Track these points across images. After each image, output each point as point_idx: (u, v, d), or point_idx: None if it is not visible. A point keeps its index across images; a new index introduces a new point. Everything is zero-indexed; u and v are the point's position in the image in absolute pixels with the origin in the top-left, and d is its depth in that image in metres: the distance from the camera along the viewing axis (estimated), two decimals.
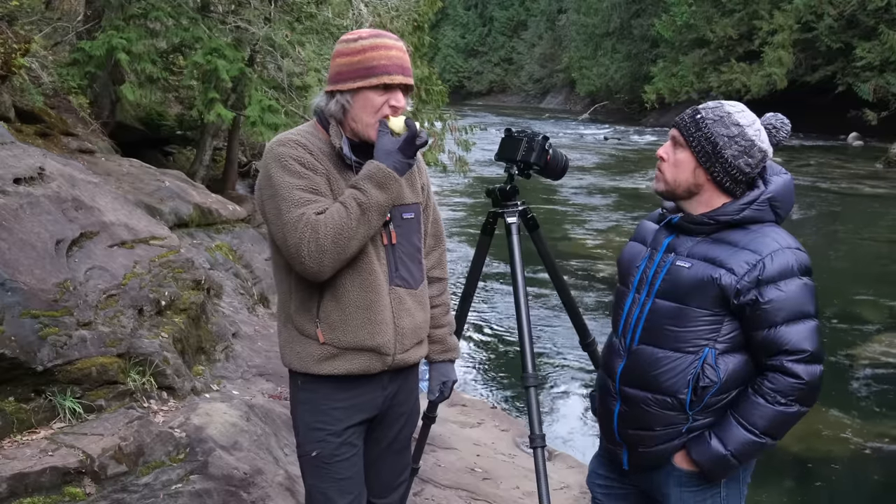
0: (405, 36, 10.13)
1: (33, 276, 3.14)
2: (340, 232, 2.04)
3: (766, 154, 2.12)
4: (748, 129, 2.09)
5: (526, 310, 2.96)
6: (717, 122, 2.09)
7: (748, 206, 2.10)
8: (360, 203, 2.06)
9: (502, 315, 8.15)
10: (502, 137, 3.03)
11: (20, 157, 3.84)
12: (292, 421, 2.36)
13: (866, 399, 6.07)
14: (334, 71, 2.15)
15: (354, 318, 2.17)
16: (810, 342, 2.02)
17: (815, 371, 2.03)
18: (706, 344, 2.08)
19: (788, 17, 27.77)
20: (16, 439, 2.93)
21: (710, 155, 2.09)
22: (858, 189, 17.06)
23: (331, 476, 2.24)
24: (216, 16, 7.81)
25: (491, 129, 18.26)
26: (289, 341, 2.25)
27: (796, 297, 2.03)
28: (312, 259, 2.04)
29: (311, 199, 2.07)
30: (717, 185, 2.12)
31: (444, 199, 15.56)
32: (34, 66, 6.40)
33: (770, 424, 2.05)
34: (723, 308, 2.06)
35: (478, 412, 5.21)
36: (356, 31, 2.21)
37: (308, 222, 2.03)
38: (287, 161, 2.10)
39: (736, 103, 2.17)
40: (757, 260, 2.03)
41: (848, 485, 5.00)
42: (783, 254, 2.04)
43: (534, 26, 51.95)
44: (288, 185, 2.07)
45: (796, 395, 2.03)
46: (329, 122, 2.18)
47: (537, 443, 2.84)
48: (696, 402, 2.09)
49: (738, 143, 2.08)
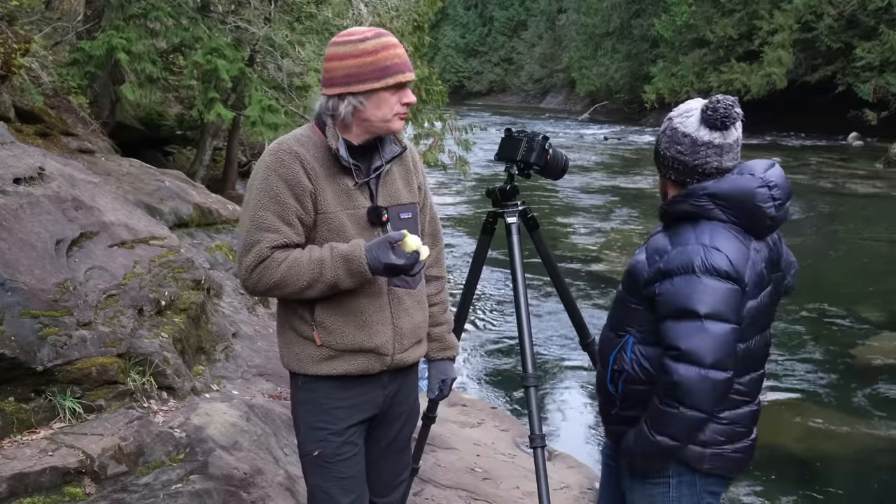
0: (405, 36, 10.14)
1: (33, 276, 3.14)
2: (284, 280, 2.11)
3: (694, 140, 2.06)
4: (675, 119, 2.12)
5: (526, 310, 2.96)
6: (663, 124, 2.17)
7: (684, 199, 2.10)
8: (322, 273, 2.10)
9: (502, 315, 8.15)
10: (502, 137, 3.03)
11: (20, 157, 3.84)
12: (293, 421, 2.36)
13: (866, 399, 6.07)
14: (342, 73, 2.11)
15: (350, 322, 2.19)
16: (686, 342, 1.96)
17: (688, 372, 1.95)
18: (629, 331, 2.14)
19: (788, 17, 27.75)
20: (16, 439, 2.93)
21: (656, 157, 2.18)
22: (858, 189, 17.05)
23: (333, 475, 2.25)
24: (216, 16, 7.82)
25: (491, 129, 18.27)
26: (287, 343, 2.27)
27: (683, 294, 1.98)
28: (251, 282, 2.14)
29: (276, 228, 2.11)
30: (671, 182, 2.16)
31: (444, 199, 15.56)
32: (34, 66, 6.40)
33: (659, 423, 2.03)
34: (637, 296, 2.12)
35: (478, 412, 5.21)
36: (355, 29, 2.18)
37: (260, 254, 2.10)
38: (272, 180, 2.12)
39: (690, 101, 2.17)
40: (664, 252, 2.06)
41: (848, 484, 5.00)
42: (690, 249, 2.01)
43: (534, 26, 51.93)
44: (262, 205, 2.12)
45: (671, 393, 1.98)
46: (325, 124, 2.16)
47: (537, 443, 2.85)
48: (614, 384, 2.15)
49: (666, 134, 2.13)
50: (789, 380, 6.36)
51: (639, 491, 2.22)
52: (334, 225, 2.16)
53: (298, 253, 2.12)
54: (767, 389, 6.08)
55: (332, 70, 2.12)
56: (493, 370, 6.86)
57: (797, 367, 6.64)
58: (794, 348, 7.10)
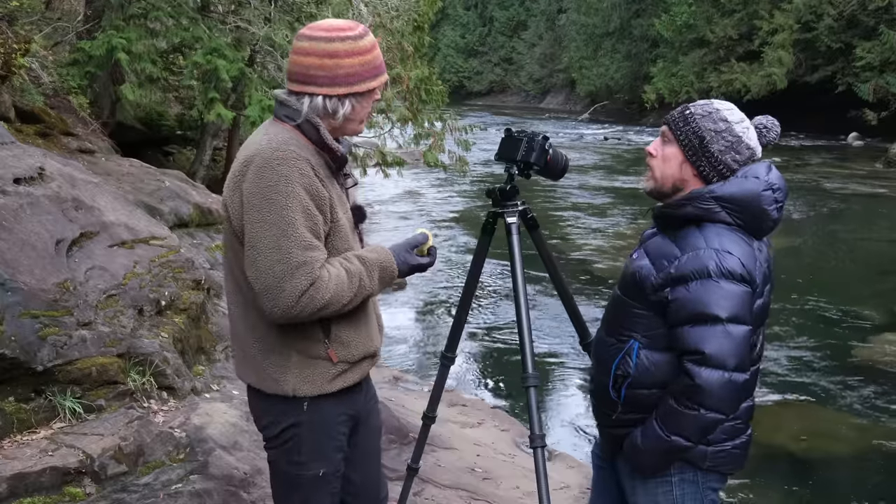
0: (405, 36, 10.15)
1: (33, 276, 3.14)
2: (332, 300, 1.96)
3: (753, 152, 2.12)
4: (736, 125, 2.10)
5: (526, 310, 2.95)
6: (706, 118, 2.10)
7: (689, 201, 2.08)
8: (362, 285, 2.03)
9: (502, 315, 8.15)
10: (502, 137, 3.02)
11: (20, 157, 3.84)
12: (287, 445, 2.15)
13: (866, 399, 6.07)
14: (345, 72, 1.99)
15: (361, 330, 2.15)
16: (710, 345, 1.96)
17: (713, 376, 1.96)
18: (633, 336, 2.13)
19: (788, 17, 27.75)
20: (16, 439, 2.93)
21: (697, 149, 2.10)
22: (858, 189, 17.04)
23: (329, 491, 2.21)
24: (216, 16, 7.82)
25: (491, 129, 18.27)
26: (288, 368, 2.07)
27: (701, 299, 1.98)
28: (298, 309, 1.93)
29: (316, 245, 1.96)
30: (704, 180, 2.12)
31: (444, 199, 15.57)
32: (34, 66, 6.41)
33: (674, 424, 2.04)
34: (644, 302, 2.10)
35: (478, 412, 5.21)
36: (341, 23, 2.05)
37: (311, 275, 1.92)
38: (298, 192, 1.93)
39: (726, 103, 2.18)
40: (675, 257, 2.05)
41: (848, 484, 5.00)
42: (703, 254, 2.01)
43: (534, 26, 51.88)
44: (297, 221, 1.92)
45: (693, 396, 1.99)
46: (316, 126, 2.02)
47: (537, 443, 2.84)
48: (616, 390, 2.15)
49: (724, 138, 2.09)
50: (789, 380, 6.35)
51: (641, 491, 2.22)
52: (342, 233, 2.07)
53: (333, 269, 1.98)
54: (768, 390, 6.09)
55: (334, 68, 1.98)
56: (493, 370, 6.86)
57: (797, 366, 6.64)
58: (793, 348, 7.09)
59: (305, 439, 2.13)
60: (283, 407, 2.11)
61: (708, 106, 2.13)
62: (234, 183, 2.00)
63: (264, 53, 8.25)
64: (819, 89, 27.79)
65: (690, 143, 2.10)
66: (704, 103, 2.15)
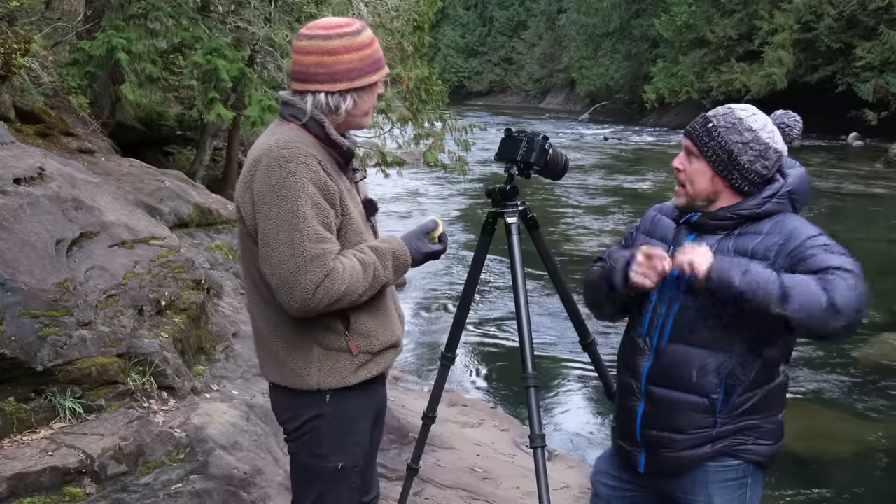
0: (405, 36, 10.14)
1: (33, 276, 3.14)
2: (348, 291, 1.99)
3: (781, 154, 2.13)
4: (761, 132, 2.08)
5: (526, 310, 2.95)
6: (730, 130, 2.07)
7: (769, 199, 2.10)
8: (377, 276, 2.05)
9: (502, 315, 8.15)
10: (502, 137, 3.02)
11: (20, 157, 3.84)
12: (307, 437, 2.17)
13: (867, 399, 6.07)
14: (345, 68, 2.02)
15: (381, 321, 2.17)
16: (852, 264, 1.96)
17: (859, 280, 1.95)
18: (736, 340, 2.07)
19: (788, 17, 27.74)
20: (16, 439, 2.93)
21: (727, 163, 2.08)
22: (858, 189, 17.05)
23: (349, 486, 2.21)
24: (216, 16, 7.82)
25: (491, 129, 18.26)
26: (310, 361, 2.10)
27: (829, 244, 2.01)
28: (315, 301, 1.96)
29: (328, 238, 1.99)
30: (736, 190, 2.11)
31: (444, 199, 15.56)
32: (34, 66, 6.41)
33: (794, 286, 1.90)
34: None
35: (478, 412, 5.21)
36: (337, 20, 2.08)
37: (325, 267, 1.95)
38: (308, 187, 1.97)
39: (746, 106, 2.16)
40: (785, 239, 2.03)
41: (848, 485, 5.00)
42: (804, 227, 2.06)
43: (534, 26, 51.87)
44: (308, 215, 1.96)
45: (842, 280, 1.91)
46: (322, 124, 2.06)
47: (537, 443, 2.84)
48: (725, 401, 2.10)
49: (752, 148, 2.07)
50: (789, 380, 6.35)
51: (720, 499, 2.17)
52: (354, 225, 2.10)
53: (347, 260, 2.01)
54: None
55: (333, 65, 2.02)
56: (493, 370, 6.87)
57: (797, 367, 6.64)
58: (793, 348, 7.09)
59: (326, 432, 2.15)
60: (306, 400, 2.14)
61: (730, 116, 2.09)
62: (245, 184, 2.06)
63: (264, 53, 8.25)
64: (819, 89, 27.77)
65: (719, 158, 2.08)
66: (725, 112, 2.11)
